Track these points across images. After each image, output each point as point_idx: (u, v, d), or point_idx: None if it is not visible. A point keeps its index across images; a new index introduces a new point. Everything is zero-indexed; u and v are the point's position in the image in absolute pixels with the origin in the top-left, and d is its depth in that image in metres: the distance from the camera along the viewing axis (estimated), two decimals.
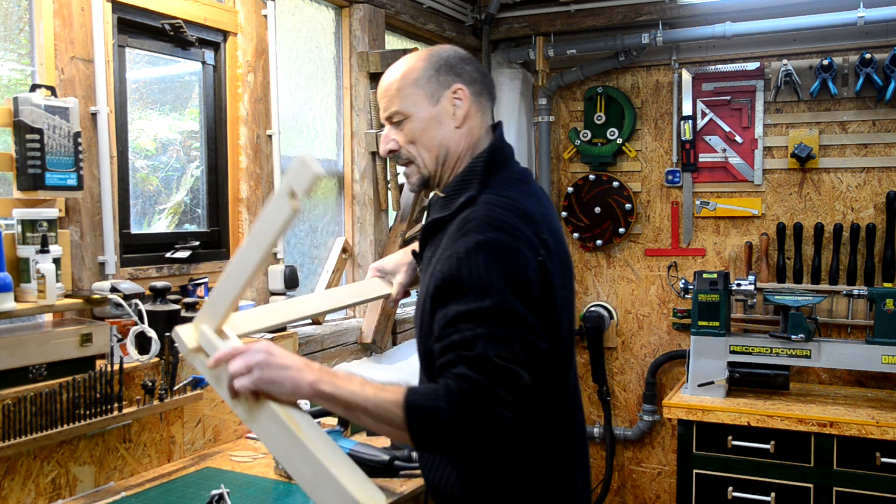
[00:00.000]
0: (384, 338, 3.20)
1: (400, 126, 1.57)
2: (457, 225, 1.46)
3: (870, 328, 3.27)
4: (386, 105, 1.58)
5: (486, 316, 1.33)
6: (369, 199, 3.27)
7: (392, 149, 1.59)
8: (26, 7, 2.10)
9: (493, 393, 1.29)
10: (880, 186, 3.54)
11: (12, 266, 1.91)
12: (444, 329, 1.37)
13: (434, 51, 1.61)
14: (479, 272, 1.35)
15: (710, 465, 3.19)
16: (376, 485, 1.31)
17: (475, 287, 1.35)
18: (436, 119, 1.56)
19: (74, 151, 2.05)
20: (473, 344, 1.31)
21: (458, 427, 1.29)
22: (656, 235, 3.97)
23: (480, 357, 1.30)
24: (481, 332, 1.32)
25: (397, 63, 1.61)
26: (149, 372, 2.15)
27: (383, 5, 3.33)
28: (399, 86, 1.56)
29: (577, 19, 3.88)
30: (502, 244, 1.38)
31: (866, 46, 3.48)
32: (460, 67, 1.58)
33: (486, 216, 1.42)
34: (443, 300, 1.39)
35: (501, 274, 1.36)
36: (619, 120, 3.96)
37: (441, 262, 1.42)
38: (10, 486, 1.87)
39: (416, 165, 1.59)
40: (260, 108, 2.78)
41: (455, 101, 1.56)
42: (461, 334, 1.33)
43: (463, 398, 1.28)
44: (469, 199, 1.49)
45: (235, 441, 2.48)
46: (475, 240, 1.39)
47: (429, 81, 1.56)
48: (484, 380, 1.29)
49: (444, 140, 1.57)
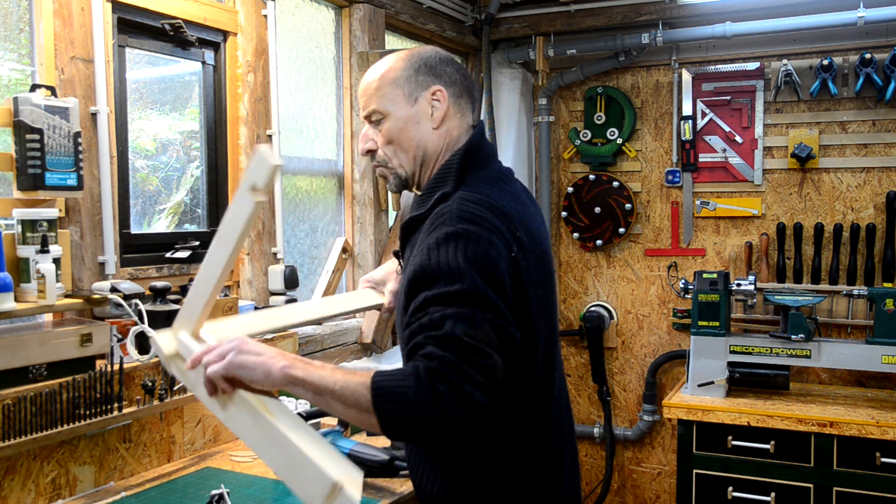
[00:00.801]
0: (384, 338, 3.20)
1: (378, 125, 1.58)
2: (430, 220, 1.46)
3: (870, 328, 3.27)
4: (365, 104, 1.58)
5: (456, 298, 1.31)
6: (369, 199, 3.27)
7: (370, 148, 1.60)
8: (26, 7, 2.10)
9: (461, 370, 1.25)
10: (880, 186, 3.54)
11: (12, 266, 1.91)
12: (413, 314, 1.36)
13: (415, 51, 1.61)
14: (448, 259, 1.35)
15: (710, 465, 3.19)
16: (376, 484, 1.30)
17: (445, 273, 1.34)
18: (413, 119, 1.56)
19: (74, 151, 2.05)
20: (441, 323, 1.29)
21: (424, 407, 1.24)
22: (656, 235, 3.97)
23: (448, 335, 1.28)
24: (450, 312, 1.30)
25: (378, 63, 1.61)
26: (149, 372, 2.15)
27: (383, 5, 3.33)
28: (378, 85, 1.57)
29: (577, 19, 3.88)
30: (473, 234, 1.38)
31: (866, 46, 3.48)
32: (440, 69, 1.58)
33: (457, 210, 1.42)
34: (415, 291, 1.38)
35: (472, 262, 1.34)
36: (619, 120, 3.96)
37: (415, 256, 1.43)
38: (10, 486, 1.87)
39: (393, 166, 1.59)
40: (260, 108, 2.78)
41: (434, 103, 1.56)
42: (429, 316, 1.31)
43: (430, 376, 1.24)
44: (443, 195, 1.50)
45: (235, 441, 2.48)
46: (445, 231, 1.39)
47: (407, 81, 1.56)
48: (452, 357, 1.26)
49: (422, 140, 1.57)
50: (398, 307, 1.54)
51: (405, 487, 2.08)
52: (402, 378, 1.27)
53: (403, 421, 1.27)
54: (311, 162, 3.18)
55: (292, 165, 3.06)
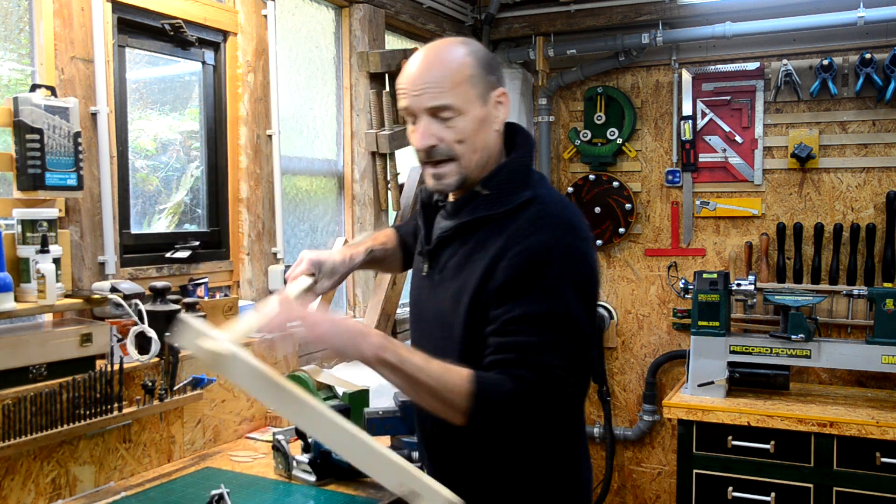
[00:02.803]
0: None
1: (448, 122, 1.48)
2: (526, 221, 1.45)
3: (870, 328, 3.27)
4: (434, 96, 1.46)
5: (551, 322, 1.38)
6: (369, 199, 3.27)
7: (433, 144, 1.49)
8: (26, 7, 2.10)
9: (546, 401, 1.37)
10: (880, 186, 3.54)
11: (12, 266, 1.91)
12: (506, 326, 1.39)
13: (475, 46, 1.54)
14: (548, 274, 1.39)
15: (710, 465, 3.19)
16: (376, 483, 1.31)
17: (545, 289, 1.39)
18: (485, 120, 1.51)
19: (74, 151, 2.05)
20: (539, 350, 1.36)
21: (512, 423, 1.38)
22: (656, 235, 3.97)
23: (543, 366, 1.36)
24: (546, 339, 1.37)
25: (439, 52, 1.51)
26: (149, 372, 2.15)
27: (383, 5, 3.33)
28: (455, 80, 1.47)
29: (577, 19, 3.88)
30: (575, 249, 1.43)
31: (866, 46, 3.47)
32: (498, 69, 1.56)
33: (557, 216, 1.46)
34: (509, 296, 1.40)
35: (571, 280, 1.40)
36: (619, 120, 3.96)
37: (511, 258, 1.42)
38: (10, 486, 1.87)
39: (458, 165, 1.50)
40: (260, 108, 2.78)
41: (498, 105, 1.53)
42: (526, 337, 1.37)
43: (524, 400, 1.35)
44: (529, 198, 1.49)
45: (235, 441, 2.48)
46: (549, 240, 1.42)
47: (480, 81, 1.50)
48: (542, 388, 1.36)
49: (488, 142, 1.53)
50: (452, 298, 1.51)
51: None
52: (498, 395, 1.36)
53: (490, 428, 1.39)
54: (311, 162, 3.18)
55: (292, 165, 3.06)
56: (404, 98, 1.51)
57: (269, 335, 1.34)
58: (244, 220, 2.74)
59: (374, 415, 2.32)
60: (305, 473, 2.13)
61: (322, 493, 2.06)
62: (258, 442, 2.46)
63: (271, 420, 2.59)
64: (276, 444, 2.19)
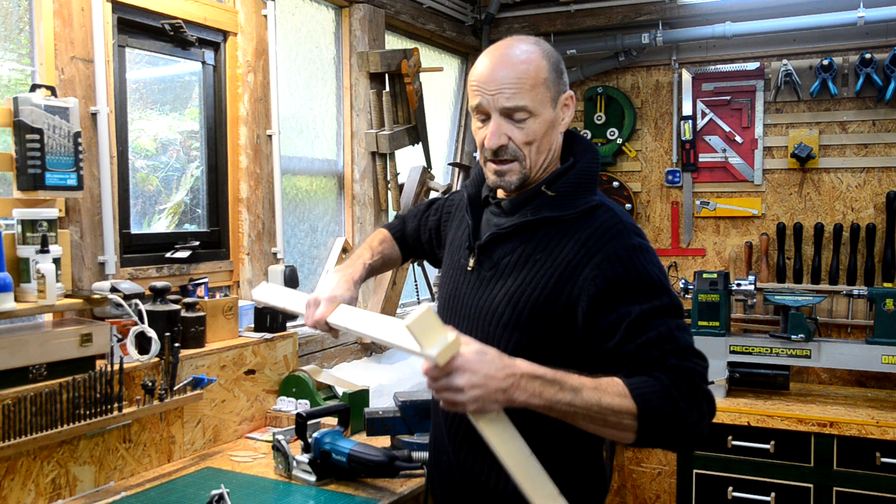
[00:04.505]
0: None
1: (520, 122, 1.49)
2: (602, 227, 1.48)
3: (870, 328, 3.27)
4: (510, 96, 1.46)
5: (669, 312, 1.42)
6: (369, 199, 3.27)
7: (503, 144, 1.49)
8: (26, 7, 2.10)
9: (705, 378, 1.39)
10: (880, 186, 3.54)
11: (12, 266, 1.91)
12: (631, 329, 1.40)
13: (547, 48, 1.55)
14: (647, 273, 1.43)
15: (710, 465, 3.19)
16: (376, 484, 1.29)
17: (649, 287, 1.42)
18: (554, 123, 1.54)
19: (74, 151, 2.05)
20: (674, 337, 1.39)
21: (687, 417, 1.34)
22: (656, 235, 3.97)
23: (686, 347, 1.39)
24: (674, 324, 1.40)
25: (515, 52, 1.50)
26: (149, 372, 2.15)
27: (383, 5, 3.33)
28: (534, 82, 1.48)
29: (577, 19, 3.88)
30: (652, 250, 1.49)
31: (866, 46, 3.47)
32: (565, 72, 1.57)
33: (628, 222, 1.50)
34: (615, 301, 1.41)
35: (661, 273, 1.46)
36: (619, 120, 3.96)
37: (598, 265, 1.43)
38: (10, 486, 1.87)
39: (522, 164, 1.52)
40: (260, 108, 2.78)
41: (565, 108, 1.56)
42: (657, 330, 1.39)
43: (689, 389, 1.35)
44: (597, 204, 1.52)
45: (235, 441, 2.48)
46: (631, 243, 1.45)
47: (553, 84, 1.52)
48: (694, 366, 1.38)
49: (554, 145, 1.56)
50: (522, 294, 1.49)
51: (405, 487, 2.08)
52: (665, 398, 1.34)
53: (664, 434, 1.35)
54: (311, 162, 3.18)
55: (292, 165, 3.06)
56: (477, 96, 1.50)
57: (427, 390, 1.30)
58: (244, 220, 2.74)
59: (374, 415, 2.32)
60: (305, 473, 2.13)
61: (322, 493, 2.06)
62: (258, 442, 2.46)
63: (271, 420, 2.59)
64: (276, 444, 2.19)
